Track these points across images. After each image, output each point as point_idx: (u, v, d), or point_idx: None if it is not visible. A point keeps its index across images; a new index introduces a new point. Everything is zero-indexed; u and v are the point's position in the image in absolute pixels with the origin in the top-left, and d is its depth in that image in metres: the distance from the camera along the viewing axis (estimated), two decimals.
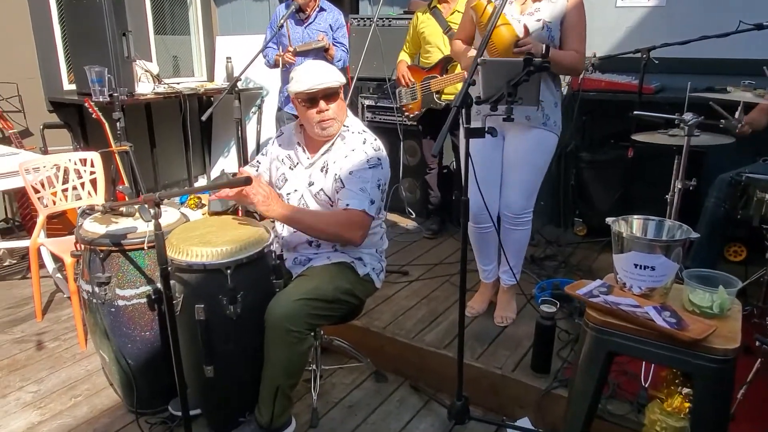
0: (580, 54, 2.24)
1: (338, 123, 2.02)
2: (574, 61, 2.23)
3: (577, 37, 2.24)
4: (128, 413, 2.20)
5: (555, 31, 2.22)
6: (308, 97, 1.95)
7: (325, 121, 1.98)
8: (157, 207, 1.46)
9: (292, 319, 1.81)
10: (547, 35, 2.20)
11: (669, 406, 1.35)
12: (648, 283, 1.35)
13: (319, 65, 2.01)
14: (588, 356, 1.35)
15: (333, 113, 1.98)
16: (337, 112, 2.00)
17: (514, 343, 2.41)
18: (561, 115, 2.37)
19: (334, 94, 1.98)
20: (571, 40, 2.24)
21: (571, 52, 2.23)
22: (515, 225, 2.40)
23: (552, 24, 2.20)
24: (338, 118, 2.01)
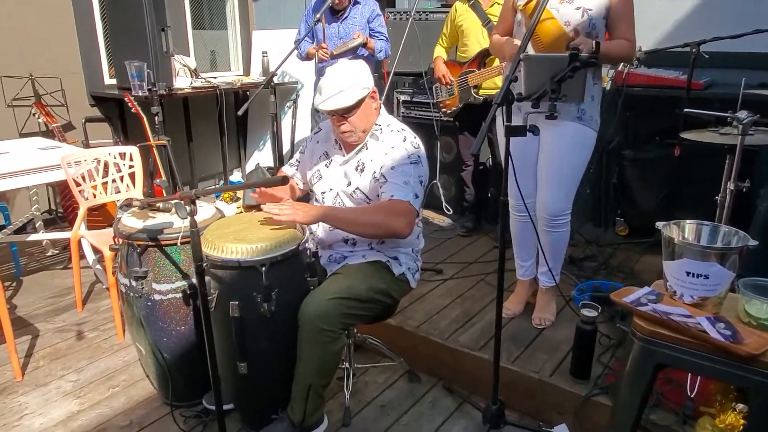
0: (631, 42, 2.13)
1: (357, 133, 2.00)
2: (624, 50, 2.12)
3: (626, 24, 2.13)
4: (163, 405, 2.23)
5: (597, 20, 2.11)
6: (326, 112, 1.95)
7: (344, 134, 1.99)
8: (193, 204, 1.46)
9: (325, 318, 1.79)
10: (588, 24, 2.10)
11: (721, 423, 1.28)
12: (701, 292, 1.27)
13: (341, 78, 1.94)
14: (635, 368, 1.29)
15: (350, 127, 1.97)
16: (356, 123, 1.97)
17: (552, 346, 2.34)
18: (599, 109, 2.26)
19: (351, 109, 1.94)
20: (619, 28, 2.13)
21: (621, 41, 2.12)
22: (553, 227, 2.31)
23: (593, 12, 2.09)
24: (357, 129, 1.99)
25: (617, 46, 2.11)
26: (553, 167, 2.25)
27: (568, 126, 2.17)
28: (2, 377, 2.41)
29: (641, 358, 1.26)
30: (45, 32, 4.06)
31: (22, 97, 3.92)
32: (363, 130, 2.00)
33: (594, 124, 2.23)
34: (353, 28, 3.55)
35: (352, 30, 3.55)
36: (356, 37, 3.47)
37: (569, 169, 2.25)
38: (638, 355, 1.27)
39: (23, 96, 3.93)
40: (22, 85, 3.91)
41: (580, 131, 2.20)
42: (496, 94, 1.66)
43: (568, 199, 2.30)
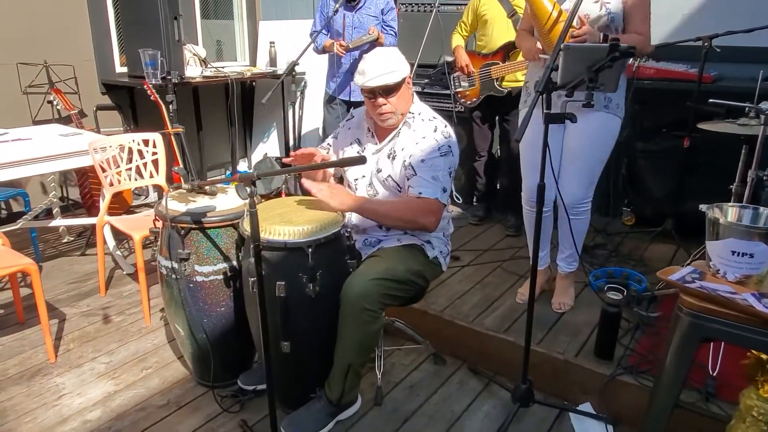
0: (645, 36, 2.17)
1: (397, 115, 2.05)
2: (638, 44, 2.14)
3: (640, 18, 2.17)
4: (198, 386, 2.28)
5: (616, 14, 2.16)
6: (368, 90, 1.99)
7: (383, 114, 2.03)
8: (254, 185, 1.51)
9: (367, 298, 1.85)
10: (608, 17, 2.15)
11: (766, 392, 1.36)
12: (745, 270, 1.35)
13: (384, 59, 2.00)
14: (682, 341, 1.36)
15: (391, 107, 2.02)
16: (396, 105, 2.02)
17: (574, 329, 2.42)
18: (624, 96, 2.32)
19: (393, 89, 2.00)
20: (633, 22, 2.18)
21: (633, 35, 2.16)
22: (575, 214, 2.38)
23: (612, 5, 2.15)
24: (398, 110, 2.04)
25: (629, 40, 2.13)
26: (579, 155, 2.32)
27: (596, 115, 2.23)
28: (36, 359, 2.44)
29: (689, 332, 1.34)
30: (59, 20, 4.05)
31: (36, 84, 3.92)
32: (402, 113, 2.06)
33: (620, 112, 2.30)
34: (367, 19, 3.57)
35: (366, 20, 3.57)
36: (371, 32, 3.50)
37: (594, 158, 2.32)
38: (685, 330, 1.35)
39: (37, 83, 3.92)
40: (36, 73, 3.90)
41: (607, 120, 2.27)
42: (536, 82, 1.72)
43: (591, 187, 2.38)
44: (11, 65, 3.83)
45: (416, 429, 2.07)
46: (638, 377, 2.06)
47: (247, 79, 5.01)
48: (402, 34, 4.07)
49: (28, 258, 2.36)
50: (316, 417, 2.01)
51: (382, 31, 3.61)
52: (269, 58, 5.25)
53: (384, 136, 2.14)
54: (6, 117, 3.72)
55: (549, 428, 2.08)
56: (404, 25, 4.17)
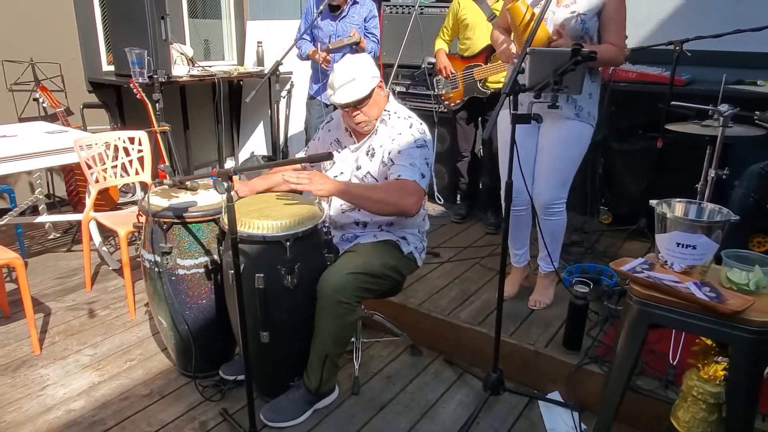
0: (618, 47, 2.23)
1: (372, 121, 2.14)
2: (610, 54, 2.22)
3: (615, 30, 2.23)
4: (180, 376, 2.34)
5: (590, 23, 2.22)
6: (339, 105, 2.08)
7: (358, 124, 2.12)
8: (230, 180, 1.58)
9: (343, 291, 1.93)
10: (581, 27, 2.22)
11: (705, 374, 1.46)
12: (689, 261, 1.44)
13: (351, 72, 2.05)
14: (631, 327, 1.45)
15: (364, 116, 2.11)
16: (369, 113, 2.11)
17: (545, 322, 2.51)
18: (597, 105, 2.38)
19: (364, 100, 2.07)
20: (608, 33, 2.23)
21: (608, 46, 2.22)
22: (547, 215, 2.45)
23: (587, 16, 2.21)
24: (371, 117, 2.13)
25: (603, 50, 2.19)
26: (550, 159, 2.39)
27: (566, 122, 2.32)
28: (21, 351, 2.49)
29: (637, 319, 1.43)
30: (45, 18, 4.09)
31: (22, 82, 3.95)
32: (375, 118, 2.14)
33: (591, 120, 2.36)
34: (350, 27, 3.66)
35: (349, 29, 3.66)
36: (352, 35, 3.59)
37: (565, 161, 2.38)
38: (635, 316, 1.44)
39: (23, 81, 3.96)
40: (22, 70, 3.93)
41: (577, 127, 2.34)
42: (504, 84, 1.81)
43: (563, 188, 2.43)
44: None
45: (392, 417, 2.15)
46: (603, 366, 2.15)
47: (234, 79, 5.07)
48: (385, 36, 4.15)
49: (14, 252, 2.40)
50: (294, 405, 2.08)
51: (364, 37, 3.69)
52: (257, 58, 5.31)
53: (362, 135, 2.21)
54: None
55: (518, 416, 2.17)
56: (388, 26, 4.26)
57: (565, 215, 2.49)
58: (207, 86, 5.14)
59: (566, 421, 2.11)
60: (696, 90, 3.32)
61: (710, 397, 1.44)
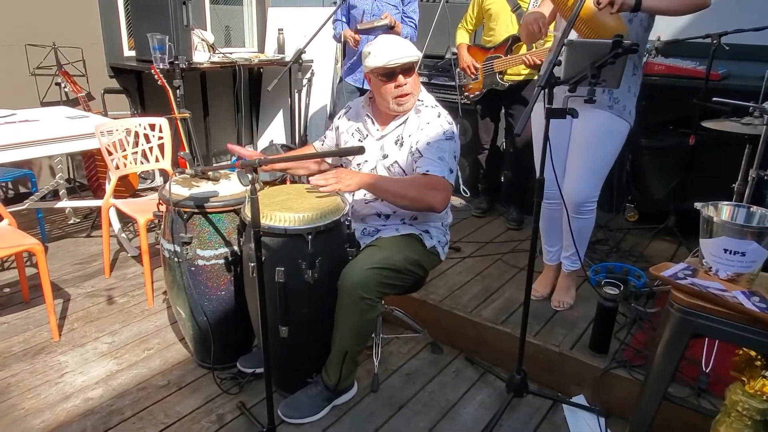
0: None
1: (414, 97, 2.07)
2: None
3: None
4: (198, 367, 2.32)
5: None
6: (386, 72, 1.99)
7: (403, 96, 2.03)
8: (255, 172, 1.53)
9: (364, 286, 1.88)
10: None
11: (751, 388, 1.38)
12: (736, 269, 1.36)
13: (396, 40, 2.04)
14: (672, 336, 1.38)
15: (410, 87, 2.03)
16: (413, 86, 2.04)
17: (570, 323, 2.44)
18: (635, 101, 2.25)
19: (411, 69, 2.02)
20: None
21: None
22: (578, 213, 2.34)
23: None
24: (414, 92, 2.06)
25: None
26: (581, 154, 2.28)
27: (599, 114, 2.18)
28: (40, 337, 2.49)
29: (679, 328, 1.36)
30: (68, 2, 4.07)
31: (44, 66, 3.95)
32: (415, 96, 2.07)
33: (627, 115, 2.22)
34: (386, 7, 3.55)
35: (385, 8, 3.56)
36: (384, 17, 3.49)
37: (597, 158, 2.26)
38: (675, 325, 1.36)
39: (46, 65, 3.95)
40: (45, 55, 3.93)
41: (611, 121, 2.20)
42: (539, 77, 1.73)
43: (595, 187, 2.32)
44: (20, 47, 3.86)
45: (411, 416, 2.10)
46: (631, 371, 2.08)
47: (255, 66, 5.02)
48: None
49: (34, 238, 2.39)
50: (312, 401, 2.04)
51: (402, 21, 3.59)
52: (277, 45, 5.26)
53: (387, 121, 2.14)
54: (14, 98, 3.75)
55: (542, 419, 2.11)
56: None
57: (595, 214, 2.40)
58: (227, 73, 5.10)
59: (591, 426, 2.04)
60: (733, 85, 3.19)
61: (756, 413, 1.37)
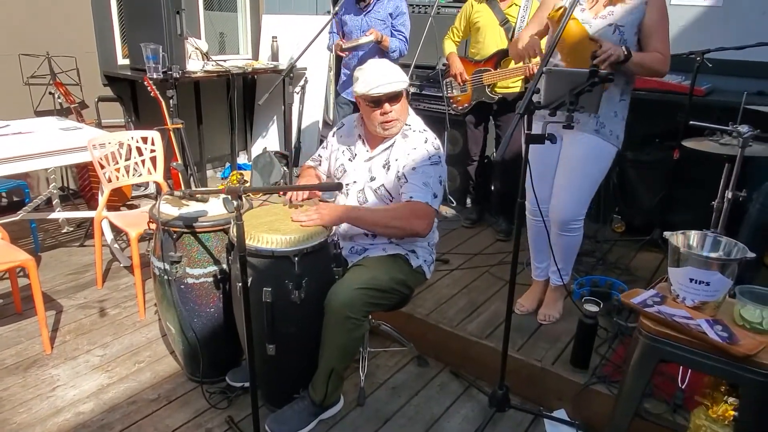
0: (665, 56, 2.15)
1: (400, 123, 2.12)
2: (658, 62, 2.13)
3: (660, 38, 2.14)
4: (188, 381, 2.36)
5: (628, 35, 2.15)
6: (373, 99, 2.04)
7: (388, 123, 2.08)
8: (240, 199, 1.57)
9: (351, 306, 1.93)
10: (619, 39, 2.14)
11: (714, 413, 1.44)
12: (702, 297, 1.42)
13: (384, 66, 2.07)
14: (639, 361, 1.44)
15: (396, 114, 2.08)
16: (399, 112, 2.09)
17: (553, 337, 2.50)
18: (623, 125, 2.31)
19: (397, 96, 2.06)
20: (653, 41, 2.14)
21: (655, 54, 2.14)
22: (565, 231, 2.41)
23: (625, 27, 2.14)
24: (401, 118, 2.10)
25: (651, 58, 2.12)
26: (568, 175, 2.34)
27: (586, 138, 2.26)
28: (32, 350, 2.53)
29: (646, 354, 1.41)
30: (62, 11, 4.10)
31: (38, 75, 3.97)
32: (402, 121, 2.12)
33: (614, 140, 2.29)
34: (375, 22, 3.61)
35: (374, 24, 3.61)
36: (368, 34, 3.54)
37: (583, 179, 2.32)
38: (643, 351, 1.42)
39: (39, 74, 3.98)
40: (38, 64, 3.95)
41: (597, 144, 2.27)
42: (519, 104, 1.78)
43: (581, 206, 2.38)
44: (13, 56, 3.89)
45: (396, 430, 2.15)
46: (610, 386, 2.13)
47: (249, 74, 5.05)
48: None
49: (26, 253, 2.43)
50: (299, 416, 2.09)
51: (391, 35, 3.64)
52: (271, 52, 5.30)
53: (376, 144, 2.20)
54: (8, 108, 3.79)
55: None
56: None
57: (582, 231, 2.45)
58: (221, 81, 5.13)
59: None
60: (716, 101, 3.25)
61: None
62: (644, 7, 2.14)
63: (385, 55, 3.65)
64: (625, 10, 2.15)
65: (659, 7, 2.14)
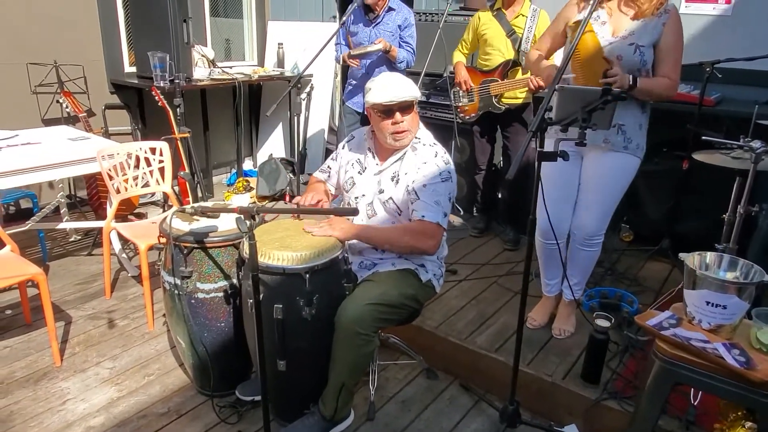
0: (673, 81, 2.16)
1: (411, 134, 2.12)
2: (665, 88, 2.15)
3: (672, 63, 2.15)
4: (197, 394, 2.36)
5: (647, 55, 2.15)
6: (384, 108, 2.04)
7: (400, 133, 2.08)
8: (253, 219, 1.57)
9: (361, 322, 1.92)
10: (639, 59, 2.14)
11: None
12: (718, 320, 1.41)
13: (396, 78, 2.09)
14: (655, 384, 1.43)
15: (407, 125, 2.08)
16: (411, 124, 2.09)
17: (564, 351, 2.49)
18: (645, 136, 2.32)
19: (409, 107, 2.06)
20: (664, 65, 2.16)
21: (663, 79, 2.15)
22: (585, 246, 2.40)
23: (645, 47, 2.14)
24: (412, 129, 2.11)
25: (658, 84, 2.14)
26: (595, 193, 2.33)
27: (613, 155, 2.26)
28: (42, 362, 2.53)
29: (662, 377, 1.41)
30: (69, 20, 4.11)
31: (45, 84, 3.98)
32: (413, 133, 2.13)
33: (639, 152, 2.31)
34: (384, 34, 3.63)
35: (384, 36, 3.63)
36: (377, 42, 3.56)
37: (609, 194, 2.33)
38: (659, 374, 1.41)
39: (47, 83, 3.99)
40: (46, 73, 3.96)
41: (625, 160, 2.28)
42: (531, 123, 1.77)
43: (604, 221, 2.38)
44: (21, 65, 3.90)
45: None
46: (621, 402, 2.12)
47: (255, 82, 5.06)
48: None
49: (36, 266, 2.43)
50: (309, 431, 2.08)
51: (399, 46, 3.65)
52: (277, 59, 5.30)
53: (386, 156, 2.20)
54: (16, 117, 3.80)
55: None
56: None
57: (601, 246, 2.45)
58: (227, 88, 5.13)
59: None
60: (726, 111, 3.24)
61: None
62: (662, 28, 2.13)
63: (392, 65, 3.66)
64: (644, 29, 2.14)
65: (676, 30, 2.14)
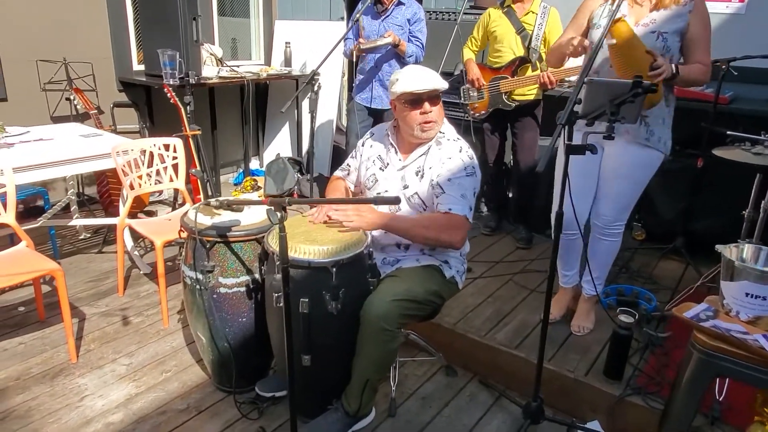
0: (707, 66, 2.16)
1: (438, 126, 2.11)
2: (701, 74, 2.15)
3: (703, 49, 2.15)
4: (216, 391, 2.34)
5: (671, 41, 2.15)
6: (414, 98, 2.03)
7: (428, 123, 2.07)
8: (284, 210, 1.56)
9: (386, 318, 1.91)
10: (662, 45, 2.14)
11: None
12: (757, 312, 1.40)
13: (423, 69, 2.09)
14: (693, 377, 1.42)
15: (435, 116, 2.07)
16: (438, 114, 2.08)
17: (584, 347, 2.48)
18: (670, 131, 2.31)
19: (437, 97, 2.06)
20: (697, 52, 2.15)
21: (698, 66, 2.15)
22: (605, 235, 2.40)
23: (668, 34, 2.14)
24: (438, 121, 2.10)
25: (695, 70, 2.14)
26: (614, 183, 2.34)
27: (636, 147, 2.27)
28: (58, 359, 2.51)
29: (701, 369, 1.40)
30: (79, 18, 4.09)
31: (55, 81, 3.96)
32: (439, 125, 2.12)
33: (662, 146, 2.30)
34: (393, 28, 3.62)
35: (393, 29, 3.63)
36: (387, 36, 3.55)
37: (630, 184, 2.33)
38: (698, 366, 1.40)
39: (56, 80, 3.97)
40: (55, 70, 3.94)
41: (646, 153, 2.28)
42: (560, 114, 1.76)
43: (624, 211, 2.39)
44: (31, 62, 3.88)
45: None
46: (646, 398, 2.12)
47: (263, 80, 5.05)
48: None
49: (53, 262, 2.41)
50: (333, 427, 2.07)
51: (408, 41, 3.65)
52: (284, 58, 5.29)
53: (409, 151, 2.18)
54: (25, 113, 3.77)
55: None
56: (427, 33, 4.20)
57: (621, 238, 2.44)
58: (235, 87, 5.12)
59: None
60: (740, 110, 3.24)
61: None
62: (688, 16, 2.12)
63: (401, 59, 3.66)
64: (667, 17, 2.13)
65: (703, 17, 2.13)
